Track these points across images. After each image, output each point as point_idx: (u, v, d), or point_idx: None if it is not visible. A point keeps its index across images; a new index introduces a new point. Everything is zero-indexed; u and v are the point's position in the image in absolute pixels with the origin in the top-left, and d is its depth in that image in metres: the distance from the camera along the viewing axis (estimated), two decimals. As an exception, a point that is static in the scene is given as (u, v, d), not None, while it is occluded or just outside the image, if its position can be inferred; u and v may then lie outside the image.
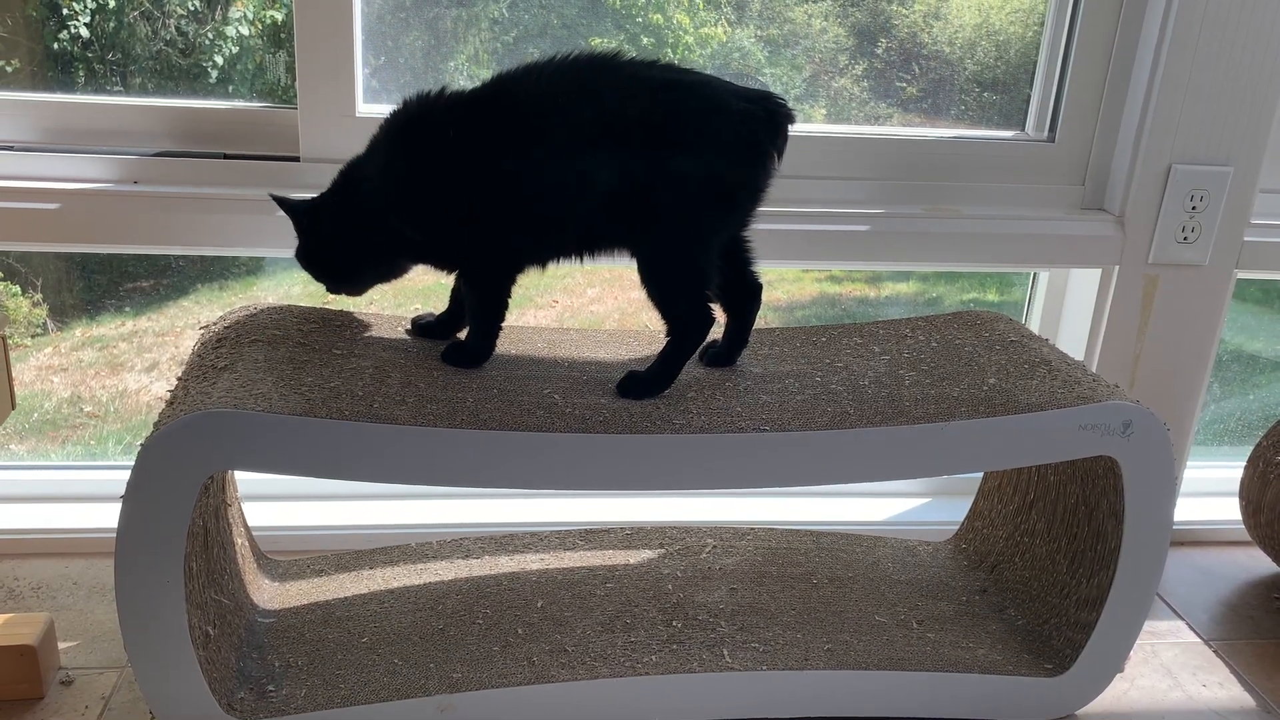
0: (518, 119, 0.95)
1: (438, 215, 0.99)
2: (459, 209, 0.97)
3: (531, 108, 0.95)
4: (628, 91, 0.95)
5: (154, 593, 0.89)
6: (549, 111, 0.95)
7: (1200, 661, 1.25)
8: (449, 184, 0.97)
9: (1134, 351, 1.40)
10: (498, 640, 1.08)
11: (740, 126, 0.96)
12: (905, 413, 0.98)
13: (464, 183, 0.96)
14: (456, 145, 0.96)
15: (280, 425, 0.87)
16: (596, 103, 0.95)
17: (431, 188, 0.97)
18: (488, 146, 0.96)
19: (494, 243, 0.99)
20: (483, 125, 0.96)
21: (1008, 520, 1.25)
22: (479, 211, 0.97)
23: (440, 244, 1.02)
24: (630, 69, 0.96)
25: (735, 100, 0.96)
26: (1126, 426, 1.00)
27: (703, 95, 0.96)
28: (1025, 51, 1.44)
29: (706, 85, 0.97)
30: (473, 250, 1.01)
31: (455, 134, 0.96)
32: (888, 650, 1.10)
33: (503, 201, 0.97)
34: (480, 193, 0.96)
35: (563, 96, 0.95)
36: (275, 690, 0.99)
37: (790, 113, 0.99)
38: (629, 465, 0.93)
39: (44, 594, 1.24)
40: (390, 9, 1.31)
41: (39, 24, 1.33)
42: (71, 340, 1.79)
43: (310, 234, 1.03)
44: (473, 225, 0.98)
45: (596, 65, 0.97)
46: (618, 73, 0.96)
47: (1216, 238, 1.35)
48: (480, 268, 1.02)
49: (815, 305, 1.92)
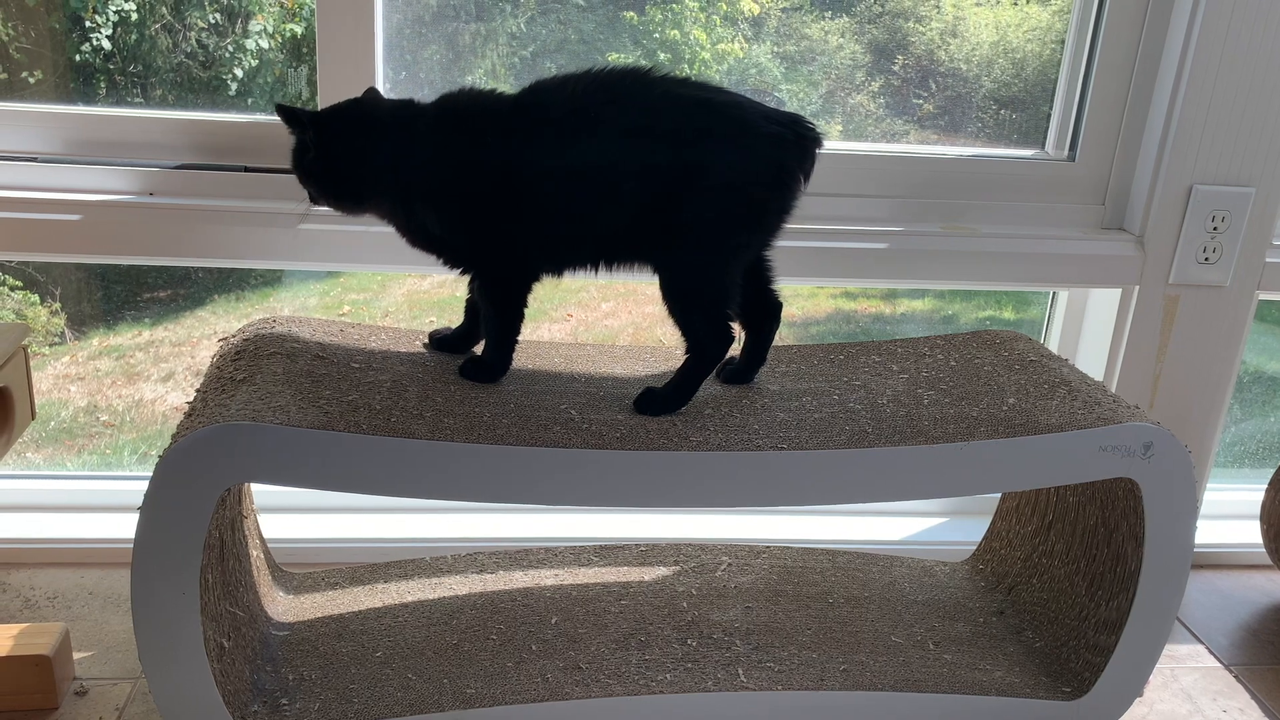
0: (550, 126, 0.96)
1: (461, 206, 0.98)
2: (482, 205, 0.97)
3: (564, 116, 0.96)
4: (658, 108, 0.95)
5: (170, 604, 0.89)
6: (580, 121, 0.96)
7: (1220, 686, 1.24)
8: (479, 178, 0.97)
9: (1154, 372, 1.39)
10: (511, 656, 1.08)
11: (768, 149, 0.96)
12: (924, 432, 0.97)
13: (491, 181, 0.96)
14: (491, 145, 0.96)
15: (298, 438, 0.87)
16: (627, 117, 0.95)
17: (462, 177, 0.97)
18: (518, 150, 0.96)
19: (511, 246, 1.00)
20: (516, 129, 0.96)
21: (1026, 541, 1.24)
22: (501, 212, 0.97)
23: (458, 237, 1.01)
24: (663, 86, 0.97)
25: (765, 122, 0.96)
26: (1147, 448, 0.99)
27: (732, 116, 0.96)
28: (1043, 70, 1.44)
29: (737, 106, 0.97)
30: (488, 251, 1.00)
31: (491, 134, 0.96)
32: (904, 671, 1.09)
33: (526, 205, 0.97)
34: (505, 193, 0.97)
35: (594, 108, 0.96)
36: (289, 704, 0.99)
37: (819, 137, 0.99)
38: (645, 482, 0.93)
39: (60, 604, 1.24)
40: (409, 23, 1.32)
41: (62, 36, 1.34)
42: (89, 349, 1.80)
43: (325, 147, 0.98)
44: (493, 224, 0.98)
45: (630, 80, 0.97)
46: (650, 89, 0.97)
47: (1238, 259, 1.34)
48: (495, 272, 1.02)
49: (830, 321, 1.92)
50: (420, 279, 1.88)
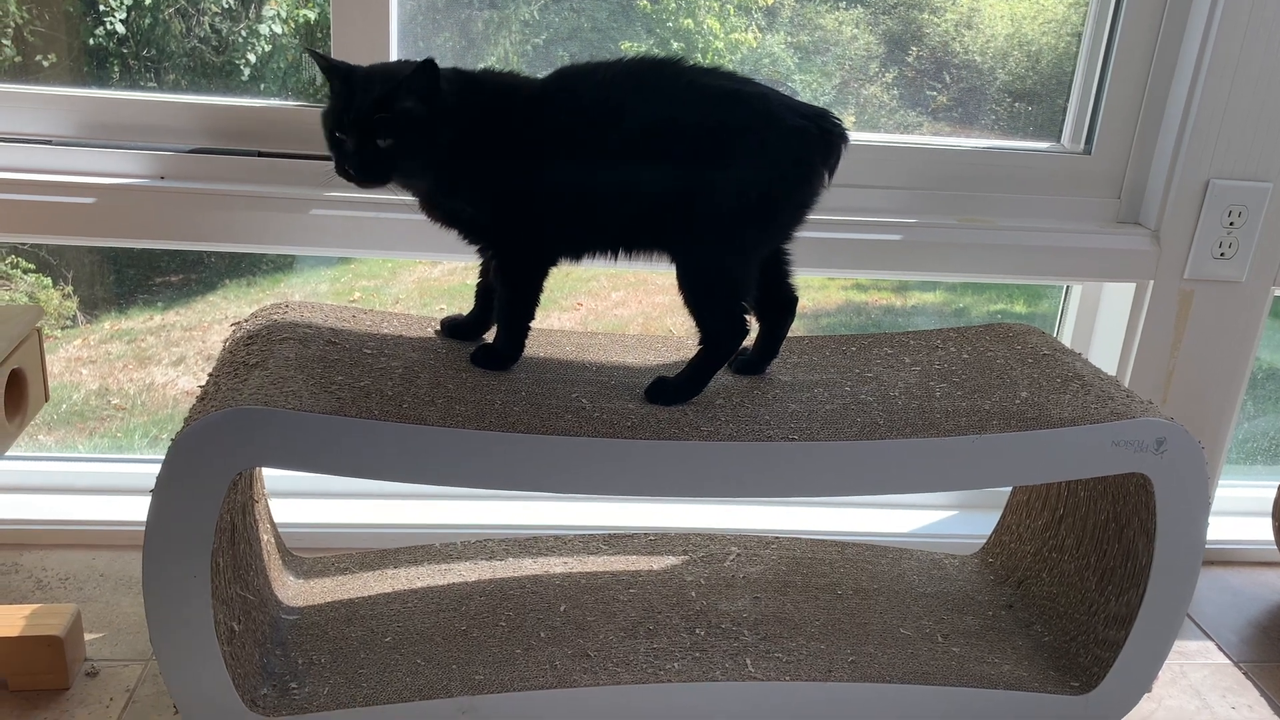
0: (575, 112, 0.96)
1: (494, 185, 0.98)
2: (512, 184, 0.97)
3: (589, 103, 0.96)
4: (683, 97, 0.95)
5: (181, 587, 0.89)
6: (605, 109, 0.96)
7: (1230, 683, 1.23)
8: (506, 156, 0.97)
9: (1167, 367, 1.38)
10: (520, 643, 1.08)
11: (792, 142, 0.95)
12: (936, 425, 0.97)
13: (522, 161, 0.96)
14: (521, 126, 0.96)
15: (310, 424, 0.87)
16: (651, 104, 0.95)
17: (491, 154, 0.97)
18: (544, 135, 0.96)
19: (536, 226, 0.99)
20: (543, 115, 0.96)
21: (1036, 535, 1.23)
22: (529, 192, 0.97)
23: (485, 215, 1.00)
24: (690, 75, 0.97)
25: (789, 115, 0.95)
26: (1160, 444, 0.98)
27: (757, 108, 0.95)
28: (1058, 62, 1.43)
29: (762, 98, 0.96)
30: (513, 230, 1.00)
31: (519, 116, 0.96)
32: (912, 664, 1.09)
33: (552, 187, 0.97)
34: (534, 174, 0.96)
35: (620, 95, 0.96)
36: (298, 688, 1.00)
37: (844, 132, 0.98)
38: (656, 471, 0.93)
39: (71, 585, 1.25)
40: (422, 10, 1.32)
41: (76, 20, 1.34)
42: (100, 333, 1.81)
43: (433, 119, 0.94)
44: (521, 204, 0.98)
45: (658, 69, 0.97)
46: (677, 79, 0.96)
47: (1254, 254, 1.33)
48: (516, 251, 1.01)
49: (841, 313, 1.92)
50: (431, 266, 1.88)
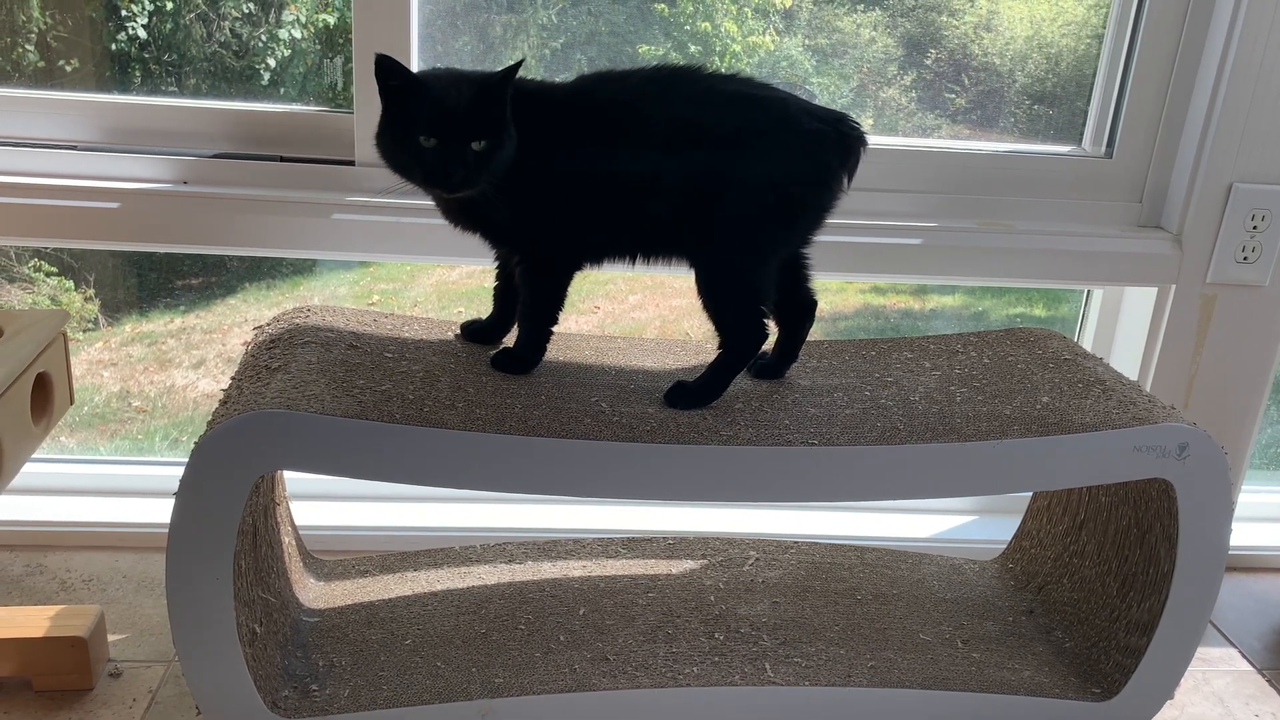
0: (597, 117, 0.96)
1: (523, 185, 0.98)
2: (535, 189, 0.97)
3: (611, 108, 0.97)
4: (703, 101, 0.96)
5: (203, 589, 0.90)
6: (626, 113, 0.96)
7: (1253, 690, 1.22)
8: (541, 159, 0.97)
9: (1189, 372, 1.37)
10: (540, 646, 1.08)
11: (810, 145, 0.96)
12: (956, 430, 0.96)
13: (551, 164, 0.97)
14: (552, 131, 0.96)
15: (332, 427, 0.88)
16: (672, 109, 0.95)
17: (528, 158, 0.97)
18: (575, 140, 0.96)
19: (562, 230, 1.00)
20: (574, 120, 0.97)
21: (1057, 541, 1.23)
22: (552, 197, 0.98)
23: (515, 219, 1.00)
24: (709, 81, 0.97)
25: (806, 119, 0.96)
26: (1182, 449, 0.98)
27: (774, 112, 0.96)
28: (1077, 65, 1.42)
29: (781, 102, 0.96)
30: (542, 234, 1.00)
31: (553, 121, 0.97)
32: (932, 669, 1.09)
33: (574, 193, 0.97)
34: (561, 179, 0.97)
35: (640, 101, 0.96)
36: (319, 690, 1.00)
37: (863, 136, 0.98)
38: (675, 475, 0.93)
39: (95, 587, 1.26)
40: (441, 14, 1.32)
41: (99, 25, 1.35)
42: (121, 335, 1.82)
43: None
44: (544, 209, 0.98)
45: (678, 75, 0.98)
46: (696, 84, 0.97)
47: (1278, 258, 1.32)
48: (543, 254, 1.02)
49: (859, 317, 1.91)
50: (449, 270, 1.89)
